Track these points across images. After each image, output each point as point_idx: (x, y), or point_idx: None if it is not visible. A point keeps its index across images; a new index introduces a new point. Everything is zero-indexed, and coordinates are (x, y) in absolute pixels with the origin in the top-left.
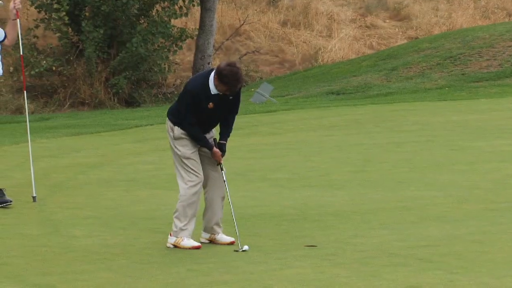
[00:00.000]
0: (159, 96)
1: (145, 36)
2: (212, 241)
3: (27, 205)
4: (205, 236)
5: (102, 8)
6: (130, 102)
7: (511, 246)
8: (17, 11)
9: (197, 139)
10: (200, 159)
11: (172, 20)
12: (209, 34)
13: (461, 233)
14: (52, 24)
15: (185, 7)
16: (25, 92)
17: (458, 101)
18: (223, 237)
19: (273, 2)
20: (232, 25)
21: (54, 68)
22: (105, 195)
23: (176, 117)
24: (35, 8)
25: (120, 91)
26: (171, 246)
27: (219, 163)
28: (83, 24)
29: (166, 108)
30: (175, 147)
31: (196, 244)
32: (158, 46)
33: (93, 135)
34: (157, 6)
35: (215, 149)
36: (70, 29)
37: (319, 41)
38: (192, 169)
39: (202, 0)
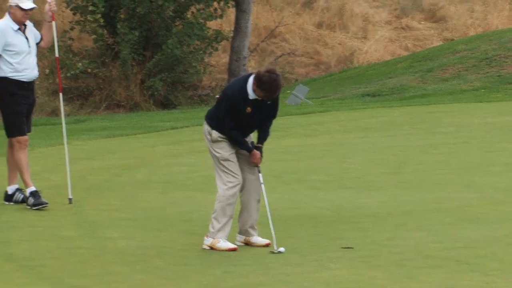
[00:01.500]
0: (195, 98)
1: (180, 38)
2: (247, 243)
3: (63, 207)
4: (240, 239)
5: (137, 10)
6: (165, 104)
7: None
8: (52, 13)
9: (237, 142)
10: (238, 161)
11: (207, 22)
12: (244, 36)
13: (497, 234)
14: (87, 26)
15: (220, 9)
16: (60, 94)
17: (494, 102)
18: (258, 239)
19: (308, 4)
20: (267, 27)
21: (89, 70)
22: (140, 197)
23: (214, 120)
24: (71, 10)
25: (156, 93)
26: (207, 248)
27: (257, 166)
28: (119, 26)
29: (202, 110)
30: (214, 149)
31: (232, 246)
32: (194, 48)
33: (128, 137)
34: (192, 8)
35: (255, 151)
36: (105, 31)
37: (355, 43)
38: (231, 171)
39: (237, 2)
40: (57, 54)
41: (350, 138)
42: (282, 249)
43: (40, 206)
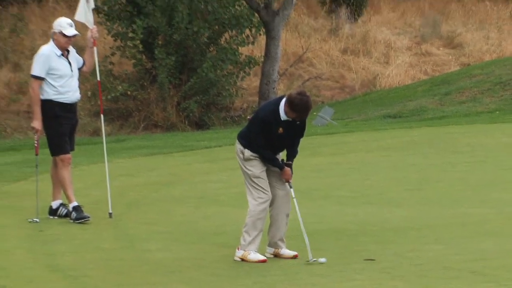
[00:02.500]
0: (227, 119)
1: (215, 62)
2: (276, 255)
3: (104, 221)
4: (269, 251)
5: (174, 37)
6: (200, 125)
7: None
8: (94, 40)
9: (269, 159)
10: (268, 178)
11: (240, 48)
12: (274, 61)
13: None
14: (127, 52)
15: (252, 36)
16: (102, 115)
17: (508, 123)
18: (286, 251)
19: (334, 31)
20: (296, 52)
21: (129, 93)
22: (177, 211)
23: (246, 140)
24: (112, 37)
25: (191, 114)
26: (239, 259)
27: (288, 181)
28: (156, 52)
29: (233, 131)
30: (245, 167)
31: (262, 258)
32: (227, 72)
33: (165, 156)
34: (226, 34)
35: (287, 168)
36: (144, 56)
37: (377, 68)
38: (262, 187)
39: (268, 29)
40: (98, 78)
41: (373, 157)
42: (322, 259)
43: (82, 220)
